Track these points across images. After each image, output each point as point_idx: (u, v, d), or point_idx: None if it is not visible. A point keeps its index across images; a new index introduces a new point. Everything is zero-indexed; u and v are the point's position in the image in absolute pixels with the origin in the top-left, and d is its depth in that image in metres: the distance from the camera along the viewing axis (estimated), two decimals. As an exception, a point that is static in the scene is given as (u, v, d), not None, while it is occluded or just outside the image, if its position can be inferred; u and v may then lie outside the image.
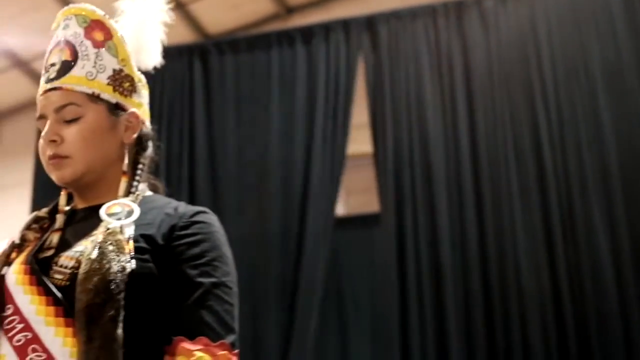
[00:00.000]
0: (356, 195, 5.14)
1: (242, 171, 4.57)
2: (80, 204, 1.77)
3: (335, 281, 4.92)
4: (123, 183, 1.73)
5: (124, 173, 1.74)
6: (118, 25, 1.83)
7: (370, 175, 4.79)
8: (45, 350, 1.54)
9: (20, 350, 1.55)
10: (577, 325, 4.00)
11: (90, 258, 1.53)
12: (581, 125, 4.29)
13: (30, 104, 7.59)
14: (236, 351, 1.59)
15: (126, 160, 1.75)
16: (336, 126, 4.50)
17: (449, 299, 4.14)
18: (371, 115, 4.55)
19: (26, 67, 7.23)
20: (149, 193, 1.79)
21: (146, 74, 1.87)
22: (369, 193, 4.95)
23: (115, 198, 1.70)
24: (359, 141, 4.72)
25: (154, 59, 1.96)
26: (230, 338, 1.59)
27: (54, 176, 1.73)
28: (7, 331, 1.58)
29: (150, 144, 1.84)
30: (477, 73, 4.48)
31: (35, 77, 7.28)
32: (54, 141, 1.70)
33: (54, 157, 1.70)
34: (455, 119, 4.43)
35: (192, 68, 4.74)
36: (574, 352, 3.96)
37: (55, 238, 1.69)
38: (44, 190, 4.80)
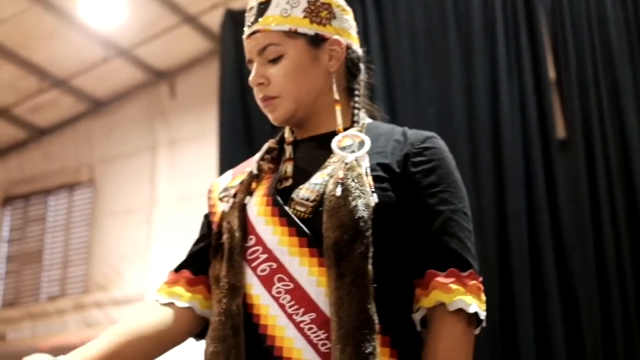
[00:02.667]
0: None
1: (421, 106, 4.53)
2: (300, 136, 1.78)
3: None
4: (338, 111, 1.72)
5: (336, 101, 1.73)
6: None
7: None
8: (292, 279, 1.56)
9: (266, 280, 1.59)
10: None
11: (335, 195, 1.54)
12: None
13: (202, 59, 7.81)
14: (481, 278, 1.61)
15: (335, 89, 1.74)
16: (521, 52, 4.38)
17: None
18: (552, 39, 4.41)
19: (195, 22, 7.41)
20: (369, 120, 1.78)
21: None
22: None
23: (333, 127, 1.71)
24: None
25: None
26: (476, 266, 1.60)
27: (270, 118, 1.76)
28: (250, 261, 1.62)
29: (361, 67, 1.82)
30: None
31: (204, 31, 7.47)
32: (261, 84, 1.73)
33: (264, 99, 1.74)
34: (642, 34, 4.25)
35: (364, 5, 4.72)
36: None
37: (289, 168, 1.71)
38: (230, 140, 4.92)
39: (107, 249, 8.18)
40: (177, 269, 1.82)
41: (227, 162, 4.56)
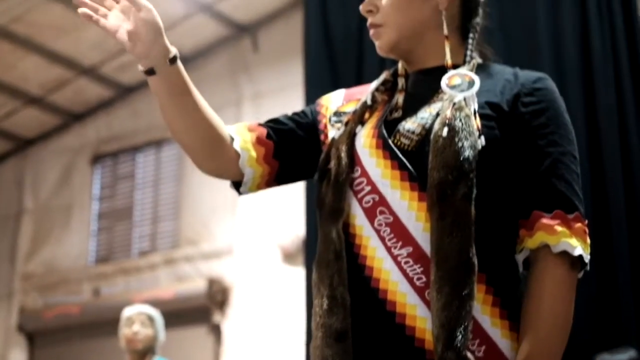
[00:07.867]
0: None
1: (509, 51, 4.43)
2: (410, 69, 1.80)
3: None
4: (447, 47, 1.70)
5: (446, 37, 1.71)
6: None
7: None
8: (392, 212, 1.59)
9: (369, 212, 1.61)
10: None
11: (441, 136, 1.54)
12: None
13: (283, 11, 7.79)
14: (587, 221, 1.60)
15: (445, 26, 1.72)
16: None
17: None
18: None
19: (276, -25, 7.37)
20: (480, 61, 1.77)
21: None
22: None
23: (441, 61, 1.70)
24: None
25: None
26: (582, 208, 1.60)
27: (376, 47, 1.78)
28: (356, 192, 1.65)
29: (479, 10, 1.80)
30: None
31: (286, -17, 7.42)
32: (370, 11, 1.75)
33: (371, 26, 1.76)
34: None
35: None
36: None
37: (400, 99, 1.73)
38: (317, 91, 4.87)
39: (196, 204, 8.27)
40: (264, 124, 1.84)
41: (313, 113, 4.53)
